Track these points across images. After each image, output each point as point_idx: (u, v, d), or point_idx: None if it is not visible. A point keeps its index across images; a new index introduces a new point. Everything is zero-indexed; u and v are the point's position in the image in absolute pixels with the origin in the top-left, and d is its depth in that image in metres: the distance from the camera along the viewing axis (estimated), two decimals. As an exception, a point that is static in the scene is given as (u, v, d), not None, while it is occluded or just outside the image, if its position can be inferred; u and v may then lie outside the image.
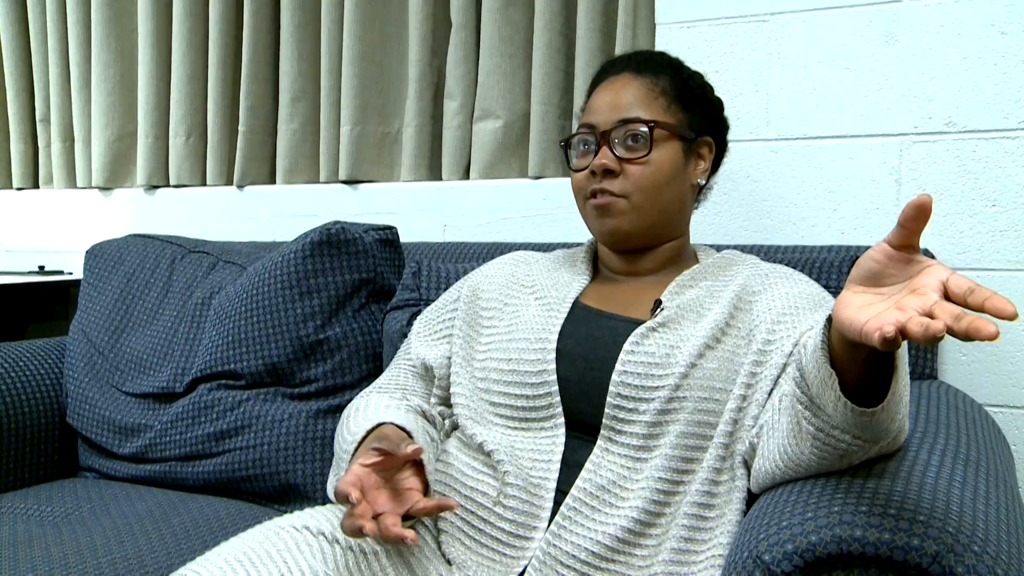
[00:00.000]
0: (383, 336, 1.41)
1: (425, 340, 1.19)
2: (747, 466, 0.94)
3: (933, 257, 1.31)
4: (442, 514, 1.03)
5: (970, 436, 0.96)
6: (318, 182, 1.96)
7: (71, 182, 2.29)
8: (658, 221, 1.09)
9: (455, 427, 1.12)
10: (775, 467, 0.86)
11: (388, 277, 1.47)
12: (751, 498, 0.92)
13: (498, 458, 1.02)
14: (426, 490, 0.96)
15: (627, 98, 1.09)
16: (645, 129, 1.06)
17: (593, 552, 0.94)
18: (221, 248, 1.65)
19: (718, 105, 1.18)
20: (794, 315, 1.00)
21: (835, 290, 1.19)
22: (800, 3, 1.44)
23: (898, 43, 1.39)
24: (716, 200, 1.49)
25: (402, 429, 1.02)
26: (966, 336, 0.58)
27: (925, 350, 1.30)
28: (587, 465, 0.98)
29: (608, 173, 1.07)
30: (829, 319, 0.75)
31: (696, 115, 1.12)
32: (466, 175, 1.81)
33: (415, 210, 1.80)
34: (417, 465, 0.96)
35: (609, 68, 1.16)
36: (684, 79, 1.13)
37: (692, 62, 1.19)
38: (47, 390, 1.57)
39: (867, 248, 1.32)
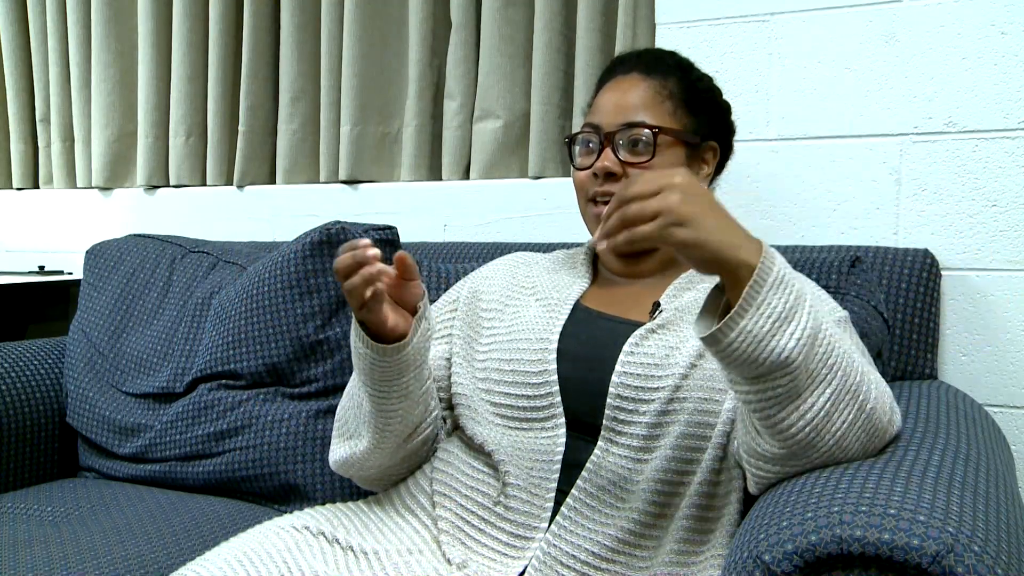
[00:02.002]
0: (383, 336, 1.40)
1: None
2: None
3: (934, 258, 1.32)
4: (443, 514, 1.03)
5: (970, 436, 0.96)
6: (318, 182, 1.96)
7: (71, 182, 2.29)
8: None
9: (456, 427, 1.12)
10: (746, 464, 0.89)
11: (388, 277, 1.47)
12: (750, 498, 0.93)
13: (499, 458, 1.02)
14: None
15: (633, 100, 1.08)
16: (649, 134, 1.06)
17: (594, 552, 0.94)
18: (221, 248, 1.65)
19: (726, 109, 1.18)
20: (789, 315, 1.00)
21: (834, 290, 1.19)
22: (800, 3, 1.44)
23: (898, 43, 1.39)
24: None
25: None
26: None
27: (925, 350, 1.30)
28: (587, 465, 0.98)
29: (610, 176, 1.07)
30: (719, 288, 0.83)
31: (702, 120, 1.12)
32: (466, 175, 1.81)
33: (415, 210, 1.80)
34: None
35: (618, 66, 1.15)
36: (693, 82, 1.13)
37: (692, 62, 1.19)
38: (47, 390, 1.57)
39: (867, 248, 1.32)
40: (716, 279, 1.08)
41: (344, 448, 1.08)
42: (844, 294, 1.19)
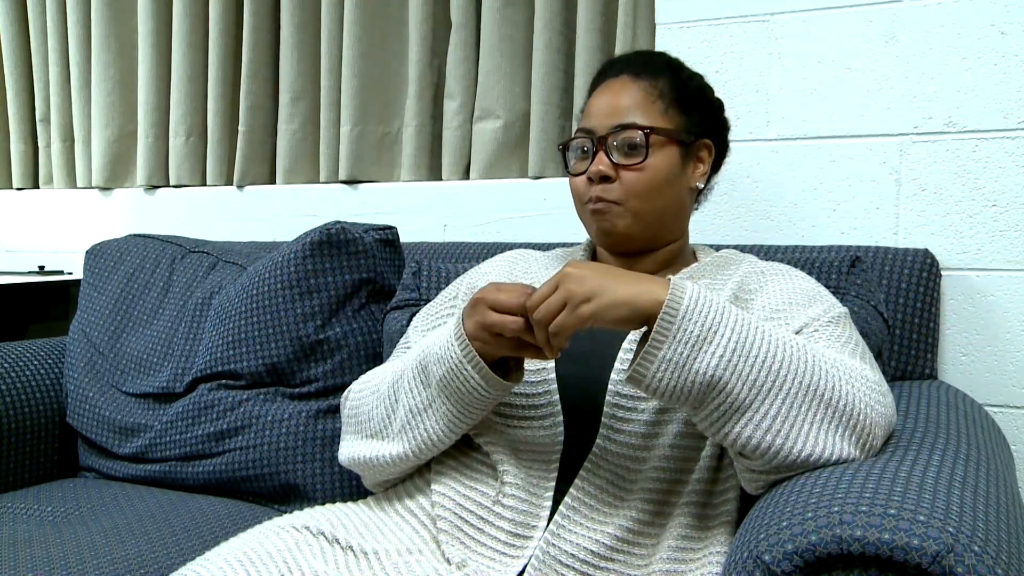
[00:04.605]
0: (383, 336, 1.41)
1: (424, 335, 1.18)
2: None
3: (934, 258, 1.32)
4: (442, 514, 1.03)
5: (970, 436, 0.96)
6: (318, 182, 1.96)
7: (71, 182, 2.29)
8: (655, 225, 1.09)
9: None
10: (740, 476, 0.90)
11: (388, 277, 1.47)
12: (749, 496, 0.93)
13: (497, 457, 1.02)
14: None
15: (625, 102, 1.08)
16: (641, 135, 1.06)
17: (592, 551, 0.94)
18: (221, 248, 1.65)
19: (718, 106, 1.18)
20: (787, 311, 1.00)
21: (834, 290, 1.19)
22: (800, 3, 1.44)
23: (898, 43, 1.39)
24: (716, 200, 1.49)
25: None
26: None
27: (925, 350, 1.30)
28: (586, 463, 0.98)
29: (604, 179, 1.07)
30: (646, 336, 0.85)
31: (695, 118, 1.11)
32: (466, 175, 1.81)
33: (415, 210, 1.80)
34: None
35: (608, 69, 1.15)
36: (683, 81, 1.13)
37: (692, 62, 1.18)
38: (47, 390, 1.57)
39: (867, 248, 1.32)
40: (713, 276, 1.09)
41: (366, 448, 1.06)
42: (844, 294, 1.19)
